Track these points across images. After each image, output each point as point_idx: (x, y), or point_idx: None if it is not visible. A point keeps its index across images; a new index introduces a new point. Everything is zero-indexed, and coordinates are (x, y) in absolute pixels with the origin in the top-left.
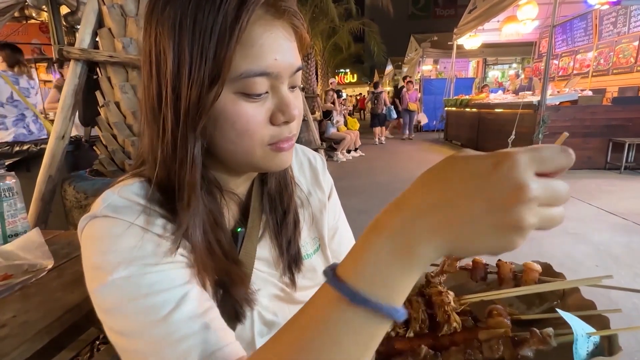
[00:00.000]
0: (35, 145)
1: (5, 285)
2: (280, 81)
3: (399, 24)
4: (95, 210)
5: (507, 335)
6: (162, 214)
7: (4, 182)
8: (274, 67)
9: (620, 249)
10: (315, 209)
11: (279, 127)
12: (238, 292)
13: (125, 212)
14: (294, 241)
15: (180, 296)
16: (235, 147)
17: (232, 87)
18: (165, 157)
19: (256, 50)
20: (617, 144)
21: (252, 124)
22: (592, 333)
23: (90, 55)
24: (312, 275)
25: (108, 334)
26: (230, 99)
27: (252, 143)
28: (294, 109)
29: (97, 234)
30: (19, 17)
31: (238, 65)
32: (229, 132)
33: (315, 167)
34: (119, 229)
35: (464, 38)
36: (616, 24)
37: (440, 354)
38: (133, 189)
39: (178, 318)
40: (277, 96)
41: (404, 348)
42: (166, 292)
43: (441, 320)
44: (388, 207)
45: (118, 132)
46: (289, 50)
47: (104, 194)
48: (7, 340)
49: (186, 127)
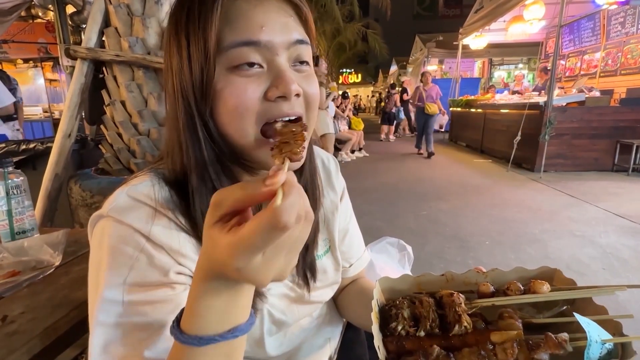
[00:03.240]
0: (41, 144)
1: (14, 282)
2: (274, 53)
3: (403, 23)
4: (104, 210)
5: (521, 338)
6: (169, 216)
7: (12, 179)
8: (261, 36)
9: (628, 252)
10: (327, 210)
11: (275, 102)
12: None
13: (130, 214)
14: (311, 249)
15: (161, 325)
16: (230, 129)
17: (224, 63)
18: (180, 144)
19: (242, 23)
20: (625, 146)
21: (242, 98)
22: (606, 340)
23: (97, 54)
24: (322, 276)
25: (90, 334)
26: (224, 76)
27: (243, 122)
28: (290, 82)
29: (101, 239)
30: (25, 16)
31: (225, 39)
32: (224, 112)
33: (329, 168)
34: (120, 237)
35: (469, 38)
36: (624, 24)
37: (453, 354)
38: (141, 188)
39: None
40: (273, 70)
41: (414, 348)
42: (146, 330)
43: (452, 321)
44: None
45: (124, 131)
46: (283, 23)
47: (115, 192)
48: (16, 336)
49: (194, 111)
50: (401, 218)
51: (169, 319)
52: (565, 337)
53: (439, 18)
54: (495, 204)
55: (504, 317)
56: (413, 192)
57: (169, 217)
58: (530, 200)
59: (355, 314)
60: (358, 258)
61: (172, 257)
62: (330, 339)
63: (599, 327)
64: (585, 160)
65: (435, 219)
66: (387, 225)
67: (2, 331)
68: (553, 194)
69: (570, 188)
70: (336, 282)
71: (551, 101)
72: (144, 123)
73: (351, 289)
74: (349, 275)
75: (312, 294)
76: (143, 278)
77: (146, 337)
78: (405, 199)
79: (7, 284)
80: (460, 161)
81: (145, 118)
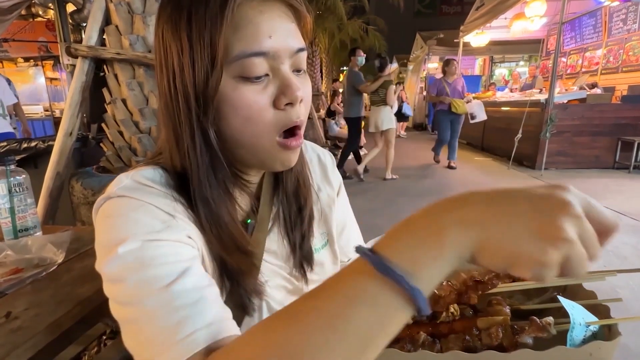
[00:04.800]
0: (42, 142)
1: (17, 279)
2: (280, 62)
3: (404, 21)
4: (110, 191)
5: (507, 323)
6: (175, 197)
7: (14, 177)
8: (269, 46)
9: (629, 250)
10: (324, 205)
11: (283, 111)
12: (248, 283)
13: (138, 192)
14: (307, 238)
15: (183, 269)
16: (242, 136)
17: (231, 72)
18: (178, 146)
19: (250, 31)
20: (626, 143)
21: (255, 108)
22: (590, 322)
23: (98, 53)
24: (319, 269)
25: (111, 307)
26: (231, 84)
27: (257, 130)
28: (296, 90)
29: (110, 212)
30: (25, 14)
31: (233, 48)
32: (234, 120)
33: (325, 164)
34: (131, 207)
35: (470, 35)
36: (626, 21)
37: (439, 340)
38: (146, 173)
39: (178, 289)
40: (279, 78)
41: (402, 335)
42: (170, 265)
43: (440, 309)
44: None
45: (125, 129)
46: (287, 30)
47: (117, 177)
48: (20, 332)
49: (194, 116)
50: (402, 216)
51: (187, 263)
52: (549, 321)
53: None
54: None
55: (493, 304)
56: (413, 190)
57: (174, 196)
58: None
59: None
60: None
61: (180, 224)
62: None
63: (584, 310)
64: (586, 157)
65: None
66: (388, 223)
67: (6, 327)
68: None
69: (572, 185)
70: None
71: (552, 98)
72: (145, 121)
73: None
74: None
75: (309, 287)
76: (160, 237)
77: (164, 275)
78: (406, 196)
79: (11, 281)
80: (461, 159)
81: (146, 116)
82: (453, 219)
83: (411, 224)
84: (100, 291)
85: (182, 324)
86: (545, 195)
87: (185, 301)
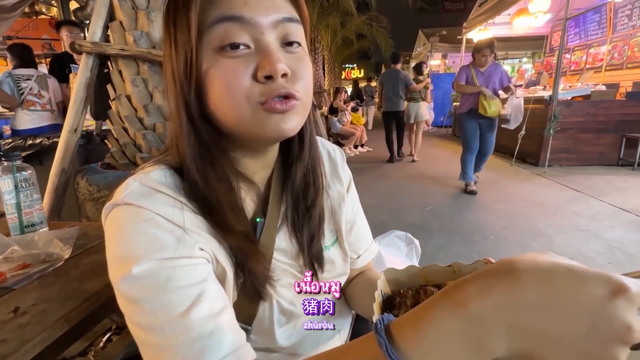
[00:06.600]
0: (47, 139)
1: (25, 274)
2: (260, 31)
3: (406, 18)
4: (117, 198)
5: None
6: (182, 201)
7: (20, 172)
8: (244, 11)
9: (634, 247)
10: (334, 202)
11: (265, 83)
12: (258, 270)
13: (146, 200)
14: (317, 239)
15: (197, 294)
16: (224, 109)
17: (211, 44)
18: (178, 138)
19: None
20: (631, 140)
21: (232, 77)
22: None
23: (102, 49)
24: (329, 267)
25: (128, 324)
26: (212, 58)
27: (236, 101)
28: (276, 61)
29: (119, 222)
30: (29, 12)
31: (210, 16)
32: (214, 93)
33: (335, 160)
34: (140, 218)
35: (473, 32)
36: (631, 17)
37: None
38: (154, 176)
39: (194, 317)
40: (260, 49)
41: None
42: (184, 290)
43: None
44: (472, 277)
45: (129, 126)
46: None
47: (125, 181)
48: (28, 327)
49: (183, 102)
50: (406, 212)
51: (200, 287)
52: None
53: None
54: (499, 199)
55: None
56: (417, 187)
57: (182, 201)
58: (535, 195)
59: (362, 306)
60: (366, 249)
61: (191, 236)
62: (340, 330)
63: None
64: (590, 154)
65: (440, 214)
66: (392, 219)
67: (15, 322)
68: (558, 189)
69: (575, 183)
70: (344, 273)
71: (556, 95)
72: (150, 117)
73: (359, 280)
74: (357, 267)
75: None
76: (173, 254)
77: (179, 302)
78: (410, 193)
79: (18, 276)
80: None
81: (151, 112)
82: (497, 325)
83: (441, 318)
84: (108, 287)
85: (199, 356)
86: (609, 316)
87: (201, 331)
